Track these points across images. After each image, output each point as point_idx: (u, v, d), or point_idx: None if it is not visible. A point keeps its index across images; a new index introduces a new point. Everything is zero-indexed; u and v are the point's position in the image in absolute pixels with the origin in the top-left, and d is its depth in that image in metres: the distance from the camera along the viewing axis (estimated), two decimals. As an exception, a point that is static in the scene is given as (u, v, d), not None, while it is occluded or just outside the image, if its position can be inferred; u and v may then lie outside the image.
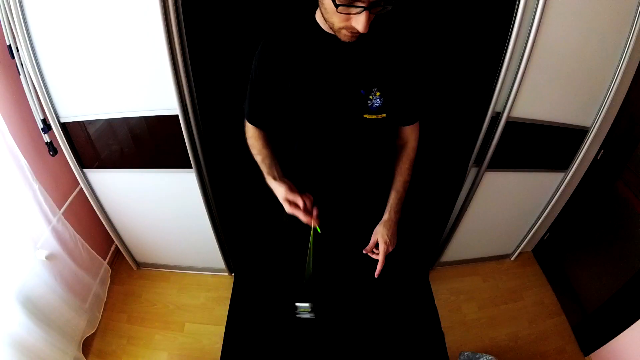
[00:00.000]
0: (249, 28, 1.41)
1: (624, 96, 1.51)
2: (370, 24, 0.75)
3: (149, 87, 1.32)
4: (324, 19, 0.83)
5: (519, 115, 1.42)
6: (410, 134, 1.09)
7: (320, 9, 0.82)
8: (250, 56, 0.99)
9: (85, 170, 1.60)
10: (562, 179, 1.75)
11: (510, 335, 1.84)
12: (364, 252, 1.05)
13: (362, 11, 0.72)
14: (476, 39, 1.42)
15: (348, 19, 0.76)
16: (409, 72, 0.96)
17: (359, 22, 0.74)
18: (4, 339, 1.26)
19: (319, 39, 0.90)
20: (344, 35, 0.81)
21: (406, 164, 1.09)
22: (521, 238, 2.11)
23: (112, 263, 2.12)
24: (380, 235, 1.03)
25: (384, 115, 0.95)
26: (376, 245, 1.04)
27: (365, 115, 0.94)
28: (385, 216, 1.06)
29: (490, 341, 1.81)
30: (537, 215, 1.95)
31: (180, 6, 1.16)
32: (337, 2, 0.72)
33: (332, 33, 0.85)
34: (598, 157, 1.74)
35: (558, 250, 2.08)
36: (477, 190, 1.68)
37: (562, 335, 1.85)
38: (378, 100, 0.92)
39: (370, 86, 0.92)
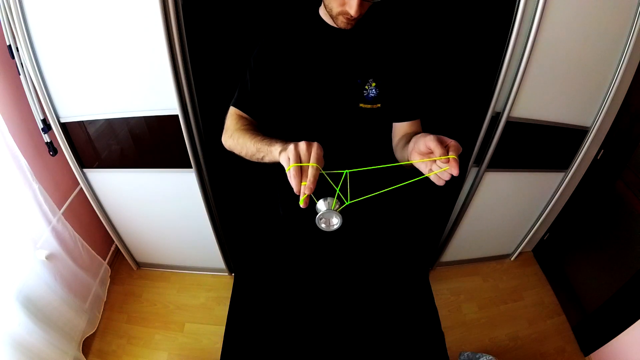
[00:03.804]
0: (249, 28, 1.41)
1: (624, 96, 1.51)
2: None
3: (149, 87, 1.32)
4: (324, 5, 0.89)
5: (519, 115, 1.42)
6: (411, 127, 1.03)
7: None
8: (251, 56, 1.00)
9: (85, 170, 1.60)
10: (562, 179, 1.75)
11: (510, 335, 1.84)
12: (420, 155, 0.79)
13: None
14: (476, 39, 1.42)
15: (344, 4, 0.82)
16: (404, 65, 0.99)
17: (352, 6, 0.80)
18: (4, 339, 1.26)
19: (320, 31, 0.95)
20: (341, 22, 0.87)
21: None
22: (521, 238, 2.11)
23: (112, 263, 2.12)
24: (432, 137, 0.75)
25: (379, 105, 0.98)
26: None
27: (361, 105, 0.97)
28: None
29: (490, 341, 1.81)
30: (537, 215, 1.95)
31: (180, 6, 1.16)
32: None
33: (334, 25, 0.91)
34: (598, 157, 1.74)
35: (558, 250, 2.07)
36: (477, 190, 1.68)
37: (562, 335, 1.85)
38: (373, 90, 0.96)
39: (367, 76, 0.96)
